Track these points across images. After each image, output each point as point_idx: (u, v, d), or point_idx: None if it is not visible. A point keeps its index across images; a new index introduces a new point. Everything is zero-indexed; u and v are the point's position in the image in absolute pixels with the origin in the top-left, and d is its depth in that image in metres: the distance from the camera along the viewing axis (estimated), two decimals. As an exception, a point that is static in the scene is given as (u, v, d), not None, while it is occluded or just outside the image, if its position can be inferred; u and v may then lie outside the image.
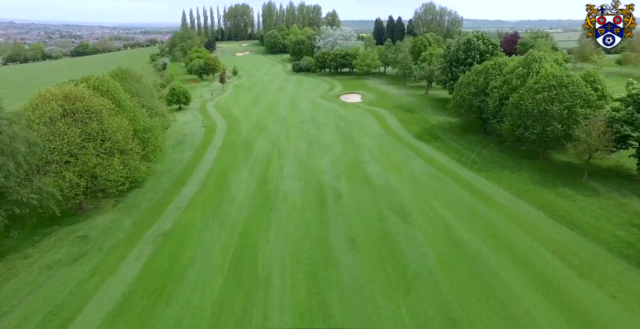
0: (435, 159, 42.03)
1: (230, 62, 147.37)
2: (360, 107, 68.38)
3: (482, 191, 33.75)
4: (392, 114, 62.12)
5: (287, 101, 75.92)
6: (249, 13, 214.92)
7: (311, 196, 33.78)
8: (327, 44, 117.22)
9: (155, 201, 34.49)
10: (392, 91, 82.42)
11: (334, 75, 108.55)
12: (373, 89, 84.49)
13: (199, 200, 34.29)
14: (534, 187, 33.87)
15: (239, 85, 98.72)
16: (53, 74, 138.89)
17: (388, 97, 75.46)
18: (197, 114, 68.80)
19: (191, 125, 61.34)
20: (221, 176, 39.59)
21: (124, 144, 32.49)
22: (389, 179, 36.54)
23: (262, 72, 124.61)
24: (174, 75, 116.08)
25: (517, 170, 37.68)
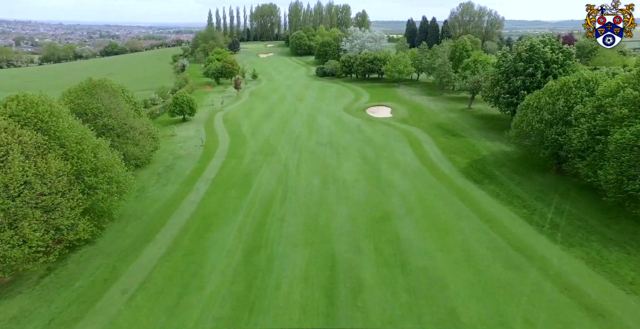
0: (495, 216, 29.42)
1: (253, 64, 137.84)
2: (390, 126, 56.10)
3: (597, 301, 20.06)
4: (430, 137, 49.55)
5: (305, 114, 64.56)
6: (276, 13, 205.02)
7: (316, 286, 22.14)
8: (355, 47, 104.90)
9: (98, 275, 24.00)
10: (427, 103, 69.51)
11: (361, 81, 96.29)
12: (405, 101, 71.83)
13: (158, 279, 23.44)
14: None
15: (256, 92, 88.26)
16: (61, 78, 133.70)
17: (423, 112, 62.75)
18: (201, 128, 58.67)
19: (190, 143, 51.16)
20: (200, 231, 28.69)
21: (51, 198, 22.12)
22: (432, 257, 24.38)
23: (283, 75, 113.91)
24: (191, 78, 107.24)
25: (635, 248, 24.55)
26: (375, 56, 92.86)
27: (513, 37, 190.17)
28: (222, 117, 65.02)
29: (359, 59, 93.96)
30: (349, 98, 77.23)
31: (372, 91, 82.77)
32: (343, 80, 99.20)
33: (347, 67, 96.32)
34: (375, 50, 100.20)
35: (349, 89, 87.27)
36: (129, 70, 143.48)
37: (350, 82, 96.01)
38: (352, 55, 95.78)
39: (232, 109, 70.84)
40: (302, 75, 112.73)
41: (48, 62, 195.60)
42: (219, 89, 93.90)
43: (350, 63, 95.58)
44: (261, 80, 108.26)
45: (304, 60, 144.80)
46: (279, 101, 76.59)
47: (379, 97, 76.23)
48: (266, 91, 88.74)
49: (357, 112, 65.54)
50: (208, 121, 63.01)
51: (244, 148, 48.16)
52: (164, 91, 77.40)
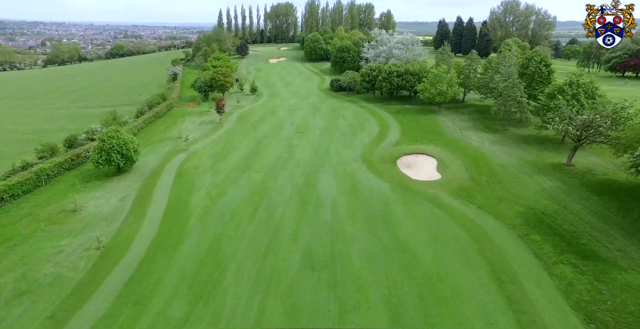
0: None
1: (259, 71, 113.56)
2: (443, 209, 30.30)
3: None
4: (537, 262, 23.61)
5: (300, 168, 39.51)
6: (293, 13, 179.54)
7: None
8: (380, 56, 78.32)
9: None
10: (491, 149, 43.18)
11: (387, 101, 70.34)
12: (455, 143, 45.63)
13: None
14: None
15: (246, 115, 63.76)
16: (36, 86, 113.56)
17: (493, 173, 36.50)
18: (131, 195, 34.98)
19: (85, 238, 27.48)
20: None
21: None
22: None
23: (290, 89, 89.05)
24: (177, 91, 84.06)
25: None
26: (407, 69, 66.80)
27: (562, 40, 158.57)
28: (178, 167, 41.04)
29: (385, 72, 68.12)
30: (371, 132, 51.75)
31: (402, 120, 56.97)
32: (363, 99, 73.58)
33: (369, 82, 70.65)
34: (406, 60, 73.88)
35: (370, 114, 61.72)
36: (123, 76, 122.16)
37: (372, 102, 70.31)
38: (375, 67, 70.14)
39: (199, 149, 46.76)
40: (312, 89, 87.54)
41: (52, 64, 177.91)
42: (202, 108, 70.07)
43: (373, 77, 69.89)
44: (261, 94, 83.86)
45: (319, 67, 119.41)
46: (271, 135, 51.89)
47: (415, 132, 50.44)
48: (260, 114, 64.18)
49: (382, 164, 40.03)
50: (153, 175, 39.19)
51: (168, 266, 23.99)
52: (117, 117, 54.07)
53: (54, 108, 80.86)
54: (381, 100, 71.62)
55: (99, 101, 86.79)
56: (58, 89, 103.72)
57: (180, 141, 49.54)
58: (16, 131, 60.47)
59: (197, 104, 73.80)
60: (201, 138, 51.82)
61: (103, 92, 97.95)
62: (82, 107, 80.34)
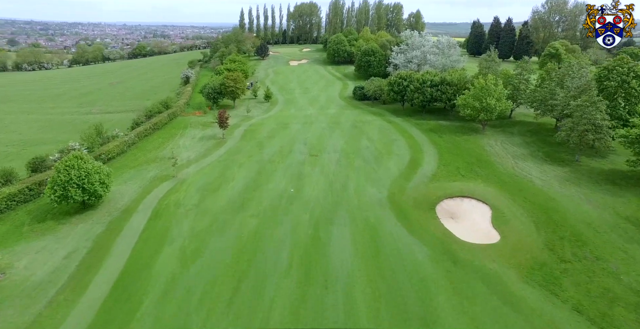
0: None
1: (277, 74, 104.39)
2: (510, 302, 19.71)
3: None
4: None
5: (307, 215, 29.39)
6: (317, 13, 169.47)
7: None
8: (411, 62, 66.67)
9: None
10: (564, 192, 31.51)
11: (419, 115, 59.19)
12: (511, 180, 34.31)
13: None
14: None
15: (253, 130, 54.29)
16: (52, 89, 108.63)
17: (580, 237, 25.12)
18: (84, 245, 26.23)
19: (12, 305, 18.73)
20: None
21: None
22: None
23: (308, 97, 79.21)
24: (186, 96, 75.97)
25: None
26: (443, 78, 55.51)
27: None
28: (157, 204, 32.08)
29: (417, 82, 57.06)
30: (401, 158, 41.11)
31: (438, 141, 45.97)
32: (390, 111, 62.80)
33: (398, 92, 59.74)
34: (441, 67, 62.33)
35: (399, 132, 51.01)
36: (137, 78, 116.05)
37: (401, 116, 59.44)
38: (405, 75, 59.19)
39: (189, 176, 37.69)
40: (333, 97, 77.32)
41: (77, 64, 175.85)
42: (208, 118, 61.18)
43: (403, 86, 58.96)
44: (276, 102, 74.47)
45: (342, 70, 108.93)
46: (278, 158, 42.21)
47: (456, 161, 39.46)
48: (270, 128, 54.69)
49: (417, 212, 29.46)
50: (123, 215, 30.33)
51: None
52: (103, 132, 45.79)
53: (57, 113, 74.60)
54: (411, 113, 60.56)
55: (105, 106, 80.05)
56: (69, 92, 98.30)
57: (167, 166, 40.69)
58: (1, 141, 53.70)
59: (203, 112, 65.19)
60: (196, 159, 42.82)
61: (113, 96, 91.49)
62: (85, 113, 73.62)
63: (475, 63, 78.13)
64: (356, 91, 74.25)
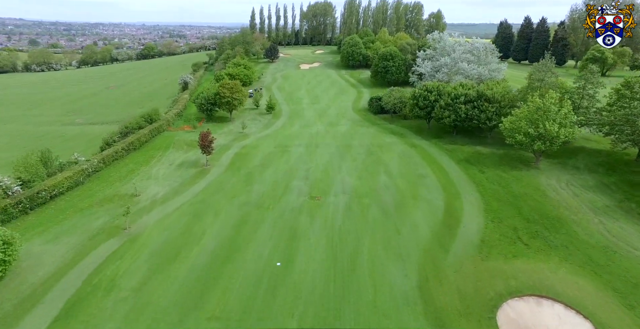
0: None
1: (286, 79, 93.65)
2: None
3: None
4: None
5: (294, 320, 18.76)
6: (331, 13, 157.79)
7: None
8: (440, 70, 53.80)
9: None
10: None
11: (449, 138, 47.13)
12: (606, 260, 22.69)
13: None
14: None
15: (244, 155, 43.35)
16: (51, 92, 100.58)
17: None
18: None
19: None
20: None
21: None
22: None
23: (318, 107, 68.14)
24: (177, 104, 65.99)
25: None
26: (481, 92, 43.61)
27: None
28: (79, 289, 21.72)
29: (448, 96, 45.32)
30: (432, 208, 29.64)
31: (479, 179, 34.29)
32: (414, 131, 51.12)
33: (424, 108, 48.01)
34: (477, 78, 50.08)
35: (427, 162, 39.42)
36: (138, 82, 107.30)
37: (427, 138, 47.73)
38: (433, 86, 47.44)
39: (145, 230, 27.24)
40: (345, 109, 65.98)
41: (86, 65, 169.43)
42: (196, 135, 50.99)
43: (430, 101, 47.26)
44: (279, 114, 63.69)
45: (356, 76, 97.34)
46: (267, 202, 31.30)
47: (509, 216, 27.84)
48: (265, 153, 43.80)
49: (466, 322, 18.33)
50: (19, 309, 20.20)
51: None
52: (46, 161, 35.79)
53: (36, 123, 65.90)
54: (439, 133, 48.78)
55: (93, 115, 71.04)
56: (63, 97, 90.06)
57: (130, 206, 30.37)
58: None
59: (192, 127, 54.93)
60: (163, 199, 32.43)
61: (106, 102, 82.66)
62: (66, 124, 64.61)
63: (512, 70, 64.90)
64: (372, 102, 62.77)
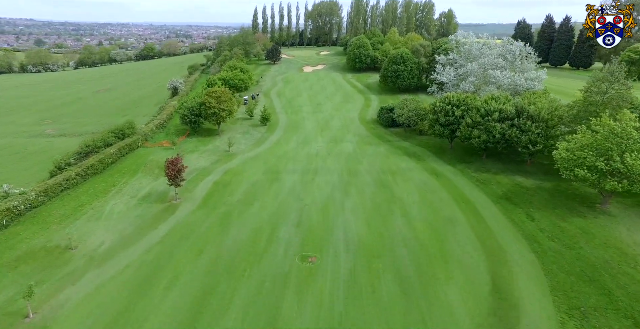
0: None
1: (287, 84, 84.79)
2: None
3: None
4: None
5: None
6: (338, 12, 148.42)
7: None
8: (467, 79, 43.42)
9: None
10: None
11: (479, 163, 37.74)
12: None
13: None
14: None
15: (225, 184, 34.28)
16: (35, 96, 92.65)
17: None
18: None
19: None
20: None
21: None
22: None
23: (320, 117, 59.08)
24: (163, 113, 57.51)
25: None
26: (521, 108, 34.25)
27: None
28: None
29: (477, 111, 36.07)
30: (469, 279, 20.66)
31: (533, 233, 25.10)
32: (434, 151, 41.82)
33: (446, 125, 38.68)
34: (513, 88, 40.32)
35: (455, 200, 30.19)
36: (129, 85, 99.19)
37: (451, 162, 38.42)
38: (457, 98, 38.14)
39: (58, 316, 18.77)
40: (352, 120, 56.84)
41: (84, 65, 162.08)
42: (189, 146, 42.24)
43: (454, 117, 38.00)
44: (275, 127, 54.79)
45: (364, 80, 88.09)
46: (244, 262, 22.38)
47: (590, 292, 18.82)
48: (251, 182, 34.76)
49: None
50: None
51: None
52: None
53: (0, 133, 57.91)
54: (465, 156, 39.45)
55: (68, 124, 62.87)
56: (44, 102, 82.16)
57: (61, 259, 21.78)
58: None
59: (170, 143, 46.23)
60: (102, 258, 23.70)
61: (88, 108, 74.53)
62: (34, 135, 56.44)
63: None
64: (383, 113, 53.59)
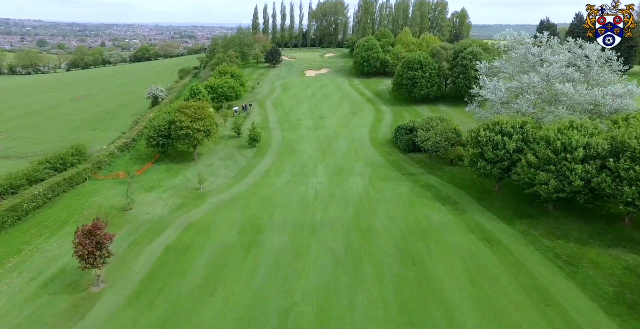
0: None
1: (286, 90, 73.58)
2: None
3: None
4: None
5: None
6: (343, 12, 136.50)
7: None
8: (523, 95, 31.36)
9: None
10: None
11: (552, 221, 25.74)
12: None
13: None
14: None
15: (177, 254, 22.69)
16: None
17: None
18: None
19: None
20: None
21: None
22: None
23: (322, 136, 47.49)
24: (132, 131, 46.50)
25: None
26: (619, 141, 22.73)
27: None
28: None
29: (548, 144, 24.56)
30: None
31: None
32: (475, 196, 30.16)
33: (494, 161, 26.91)
34: (592, 109, 28.32)
35: (528, 291, 18.81)
36: (113, 91, 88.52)
37: (508, 218, 26.82)
38: (509, 123, 26.61)
39: None
40: (361, 142, 45.16)
41: (76, 67, 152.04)
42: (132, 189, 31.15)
43: (507, 151, 26.38)
44: (267, 147, 43.27)
45: (373, 87, 76.35)
46: None
47: None
48: (220, 246, 23.25)
49: None
50: None
51: None
52: None
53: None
54: (523, 204, 27.61)
55: (21, 141, 52.12)
56: (10, 111, 71.60)
57: None
58: None
59: (126, 175, 34.90)
60: None
61: (54, 120, 63.74)
62: (-26, 157, 45.77)
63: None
64: (401, 134, 41.86)
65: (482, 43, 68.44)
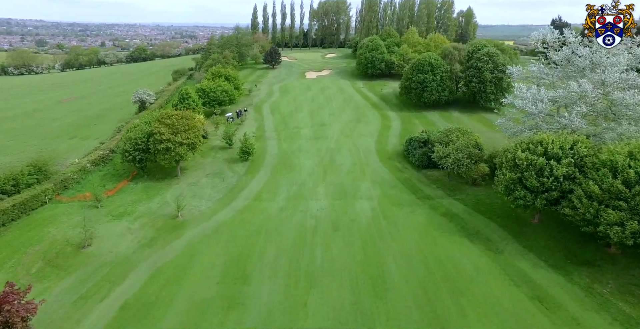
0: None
1: (285, 94, 68.03)
2: None
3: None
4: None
5: None
6: (346, 10, 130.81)
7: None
8: (573, 107, 25.48)
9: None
10: None
11: (627, 276, 20.65)
12: None
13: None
14: None
15: (132, 320, 18.04)
16: None
17: None
18: None
19: None
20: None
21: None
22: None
23: (323, 147, 41.89)
24: (114, 143, 41.09)
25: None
26: None
27: None
28: None
29: (614, 171, 19.03)
30: None
31: None
32: (509, 229, 24.68)
33: (539, 191, 21.18)
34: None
35: None
36: (102, 93, 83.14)
37: (557, 264, 21.26)
38: (556, 143, 21.03)
39: None
40: (367, 155, 39.55)
41: (71, 68, 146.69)
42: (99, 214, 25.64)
43: (555, 178, 20.69)
44: (261, 162, 37.73)
45: (378, 90, 70.74)
46: None
47: None
48: (190, 305, 17.93)
49: None
50: None
51: None
52: None
53: None
54: (572, 244, 22.09)
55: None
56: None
57: None
58: None
59: (93, 197, 29.35)
60: None
61: (32, 126, 58.37)
62: None
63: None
64: (413, 147, 36.22)
65: (498, 43, 62.75)
